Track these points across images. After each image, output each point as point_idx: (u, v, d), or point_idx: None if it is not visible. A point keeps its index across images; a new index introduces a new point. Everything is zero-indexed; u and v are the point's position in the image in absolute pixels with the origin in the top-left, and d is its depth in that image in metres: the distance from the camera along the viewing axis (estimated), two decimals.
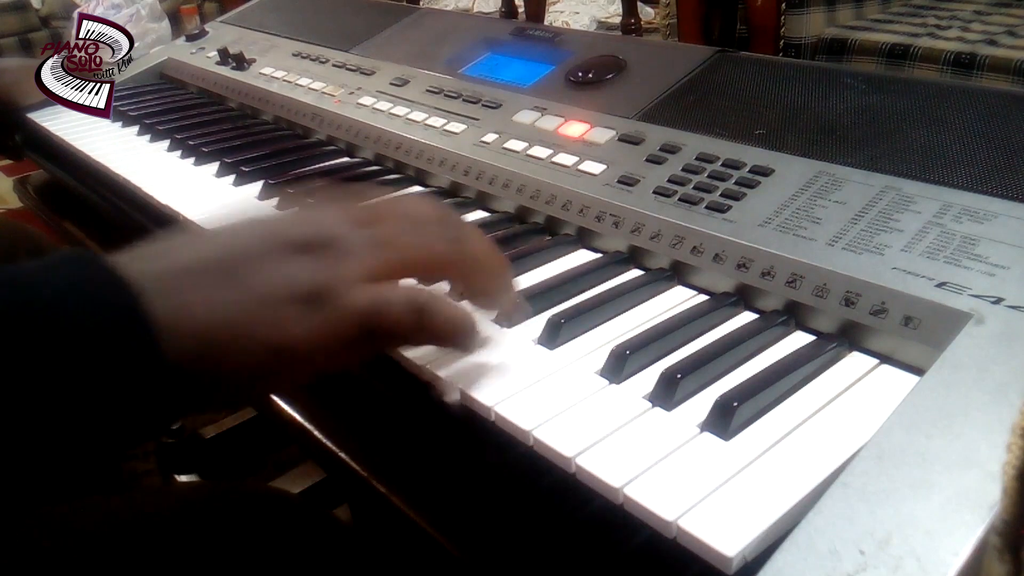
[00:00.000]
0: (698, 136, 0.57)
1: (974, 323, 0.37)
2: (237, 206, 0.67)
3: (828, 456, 0.34)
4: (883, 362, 0.41)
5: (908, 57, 1.30)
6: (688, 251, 0.49)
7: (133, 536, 0.44)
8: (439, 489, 0.40)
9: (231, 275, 0.33)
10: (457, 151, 0.66)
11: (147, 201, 0.69)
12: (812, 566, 0.28)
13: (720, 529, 0.30)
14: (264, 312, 0.32)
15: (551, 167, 0.60)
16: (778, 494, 0.32)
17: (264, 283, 0.33)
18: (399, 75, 0.80)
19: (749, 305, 0.47)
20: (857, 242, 0.44)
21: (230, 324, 0.32)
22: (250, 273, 0.33)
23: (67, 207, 0.85)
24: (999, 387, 0.34)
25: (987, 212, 0.44)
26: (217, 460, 1.12)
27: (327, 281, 0.34)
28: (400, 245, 0.37)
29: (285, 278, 0.33)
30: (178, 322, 0.30)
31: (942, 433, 0.32)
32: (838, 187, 0.48)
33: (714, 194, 0.51)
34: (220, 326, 0.31)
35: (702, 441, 0.36)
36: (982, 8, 1.46)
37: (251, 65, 0.94)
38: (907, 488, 0.30)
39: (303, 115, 0.82)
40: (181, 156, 0.78)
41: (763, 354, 0.42)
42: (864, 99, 0.56)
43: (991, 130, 0.49)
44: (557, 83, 0.70)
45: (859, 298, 0.42)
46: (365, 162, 0.74)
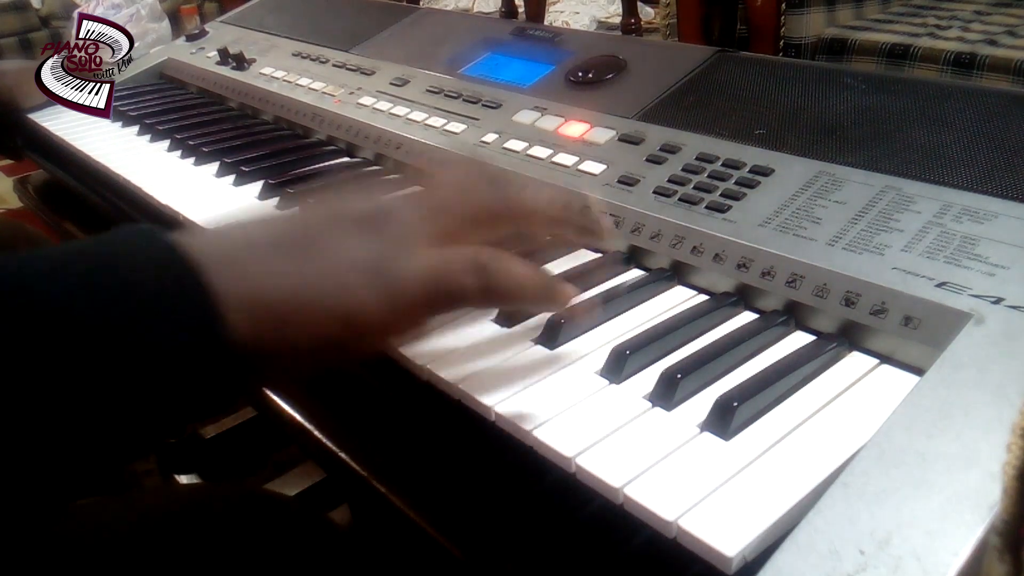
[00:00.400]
0: (698, 136, 0.57)
1: (974, 323, 0.37)
2: (243, 206, 0.67)
3: (828, 456, 0.34)
4: (883, 362, 0.41)
5: (908, 57, 1.30)
6: (688, 251, 0.49)
7: (131, 539, 0.44)
8: (439, 489, 0.40)
9: (295, 249, 0.33)
10: (457, 151, 0.66)
11: (147, 201, 0.69)
12: (812, 566, 0.28)
13: (720, 529, 0.30)
14: (330, 283, 0.33)
15: (551, 167, 0.60)
16: (778, 494, 0.32)
17: (328, 255, 0.33)
18: (399, 75, 0.80)
19: (749, 305, 0.47)
20: (857, 242, 0.44)
21: (297, 296, 0.32)
22: (313, 246, 0.34)
23: (67, 207, 0.85)
24: (999, 387, 0.34)
25: (987, 212, 0.44)
26: (217, 460, 1.12)
27: (389, 249, 0.34)
28: (455, 206, 0.38)
29: (348, 249, 0.34)
30: (243, 295, 0.30)
31: (942, 433, 0.32)
32: (838, 187, 0.48)
33: (714, 194, 0.51)
34: (287, 298, 0.32)
35: (702, 441, 0.36)
36: (982, 8, 1.46)
37: (251, 65, 0.94)
38: (907, 488, 0.30)
39: (303, 115, 0.82)
40: (181, 156, 0.78)
41: (763, 354, 0.42)
42: (864, 99, 0.56)
43: (991, 130, 0.49)
44: (557, 83, 0.70)
45: (859, 298, 0.42)
46: (365, 162, 0.74)
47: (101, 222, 0.79)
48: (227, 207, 0.66)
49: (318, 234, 0.34)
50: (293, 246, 0.34)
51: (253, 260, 0.32)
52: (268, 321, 0.31)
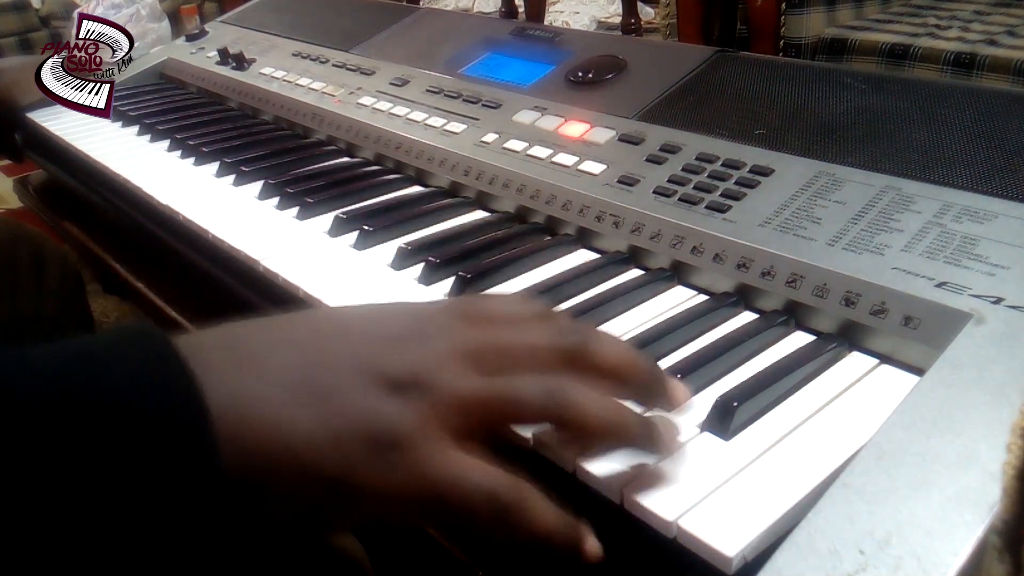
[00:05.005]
0: (698, 136, 0.57)
1: (974, 323, 0.37)
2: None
3: (828, 456, 0.34)
4: (883, 362, 0.41)
5: (908, 57, 1.30)
6: (688, 251, 0.49)
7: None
8: None
9: (309, 394, 0.29)
10: (457, 151, 0.66)
11: (147, 201, 0.69)
12: (812, 566, 0.28)
13: (720, 529, 0.30)
14: (335, 445, 0.29)
15: (551, 167, 0.60)
16: (778, 494, 0.32)
17: (344, 415, 0.29)
18: (399, 75, 0.80)
19: (749, 305, 0.47)
20: (857, 242, 0.44)
21: (293, 447, 0.28)
22: (331, 399, 0.29)
23: (67, 207, 0.85)
24: (999, 387, 0.34)
25: (987, 212, 0.44)
26: None
27: (410, 433, 0.29)
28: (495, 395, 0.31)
29: (367, 414, 0.29)
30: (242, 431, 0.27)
31: (942, 433, 0.32)
32: (838, 187, 0.48)
33: (714, 194, 0.51)
34: (283, 446, 0.28)
35: (702, 441, 0.36)
36: (982, 8, 1.46)
37: (251, 65, 0.94)
38: (907, 488, 0.30)
39: (303, 115, 0.82)
40: (181, 156, 0.78)
41: (763, 354, 0.42)
42: (864, 99, 0.56)
43: (991, 130, 0.49)
44: (557, 83, 0.70)
45: (859, 298, 0.42)
46: (365, 162, 0.74)
47: (101, 222, 0.79)
48: (227, 206, 0.66)
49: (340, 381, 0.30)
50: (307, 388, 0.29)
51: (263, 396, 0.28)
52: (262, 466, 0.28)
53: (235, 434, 0.27)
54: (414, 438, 0.29)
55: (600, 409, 0.32)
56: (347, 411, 0.29)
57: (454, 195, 0.65)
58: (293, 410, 0.28)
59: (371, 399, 0.29)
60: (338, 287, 0.53)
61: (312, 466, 0.28)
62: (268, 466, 0.28)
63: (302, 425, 0.28)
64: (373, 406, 0.29)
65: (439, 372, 0.31)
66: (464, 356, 0.31)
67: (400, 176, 0.70)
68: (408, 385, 0.30)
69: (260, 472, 0.28)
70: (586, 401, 0.31)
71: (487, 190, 0.62)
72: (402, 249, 0.55)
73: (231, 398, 0.28)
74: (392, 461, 0.29)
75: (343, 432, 0.29)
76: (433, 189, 0.67)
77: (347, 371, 0.30)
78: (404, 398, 0.30)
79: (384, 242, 0.58)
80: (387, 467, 0.29)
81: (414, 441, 0.29)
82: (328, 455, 0.28)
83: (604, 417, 0.32)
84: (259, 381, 0.29)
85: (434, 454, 0.29)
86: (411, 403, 0.30)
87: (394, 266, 0.55)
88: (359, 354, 0.31)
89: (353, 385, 0.30)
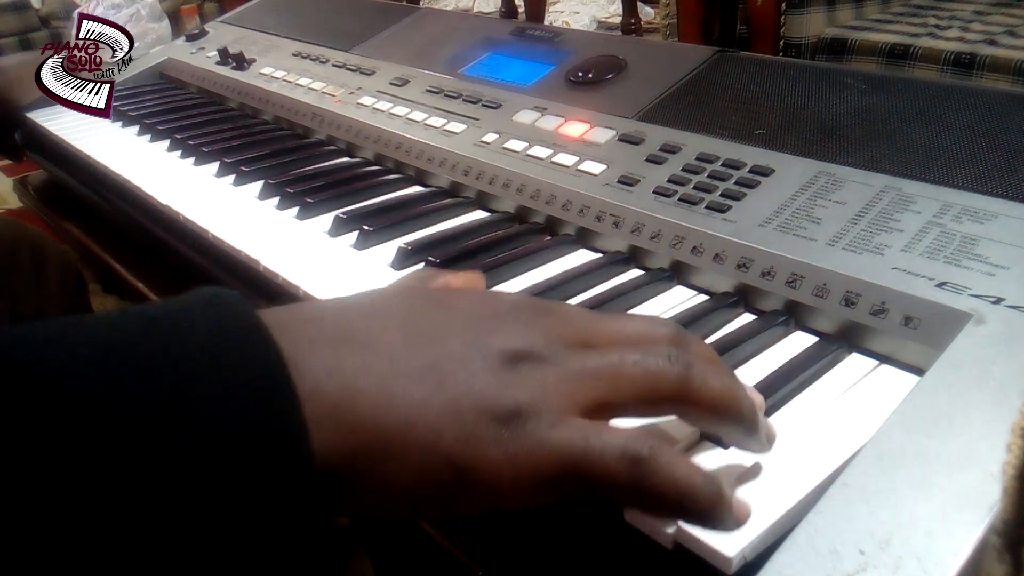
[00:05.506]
0: (698, 136, 0.57)
1: (974, 323, 0.37)
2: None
3: (828, 456, 0.34)
4: (883, 362, 0.41)
5: (908, 57, 1.30)
6: (688, 251, 0.49)
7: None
8: None
9: (424, 370, 0.27)
10: (457, 151, 0.66)
11: (147, 201, 0.69)
12: (812, 566, 0.28)
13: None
14: (456, 420, 0.27)
15: (551, 167, 0.60)
16: (778, 494, 0.32)
17: (466, 387, 0.27)
18: (399, 75, 0.80)
19: (749, 305, 0.47)
20: (857, 242, 0.44)
21: (410, 423, 0.26)
22: (448, 373, 0.27)
23: (67, 207, 0.85)
24: (999, 387, 0.34)
25: (987, 212, 0.44)
26: None
27: (533, 403, 0.28)
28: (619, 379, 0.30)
29: (488, 386, 0.28)
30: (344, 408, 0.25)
31: (942, 433, 0.32)
32: (838, 187, 0.48)
33: (714, 194, 0.51)
34: (397, 422, 0.26)
35: (702, 445, 0.36)
36: (982, 8, 1.46)
37: (251, 65, 0.94)
38: (907, 488, 0.30)
39: (303, 115, 0.82)
40: (181, 156, 0.78)
41: (763, 354, 0.42)
42: (864, 99, 0.56)
43: (991, 130, 0.49)
44: (557, 83, 0.70)
45: (859, 298, 0.42)
46: (365, 162, 0.74)
47: (101, 222, 0.79)
48: (227, 206, 0.66)
49: (458, 354, 0.28)
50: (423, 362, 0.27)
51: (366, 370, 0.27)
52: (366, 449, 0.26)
53: (336, 411, 0.25)
54: (539, 408, 0.28)
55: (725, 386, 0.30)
56: (466, 383, 0.27)
57: (454, 195, 0.65)
58: (407, 383, 0.27)
59: (492, 373, 0.28)
60: (338, 287, 0.53)
61: (431, 443, 0.26)
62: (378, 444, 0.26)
63: (418, 399, 0.26)
64: (495, 380, 0.28)
65: (563, 349, 0.29)
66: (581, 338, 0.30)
67: (400, 176, 0.70)
68: (530, 360, 0.29)
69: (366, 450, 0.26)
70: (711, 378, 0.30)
71: (487, 190, 0.62)
72: (402, 249, 0.55)
73: (330, 372, 0.26)
74: (520, 433, 0.27)
75: (464, 405, 0.27)
76: (433, 189, 0.67)
77: (464, 345, 0.28)
78: (526, 373, 0.28)
79: (384, 242, 0.58)
80: (512, 442, 0.27)
81: (539, 411, 0.28)
82: (449, 431, 0.26)
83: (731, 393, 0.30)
84: (364, 355, 0.27)
85: (559, 423, 0.28)
86: (531, 375, 0.28)
87: (394, 266, 0.55)
88: (475, 328, 0.29)
89: (472, 358, 0.28)
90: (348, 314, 0.29)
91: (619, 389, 0.29)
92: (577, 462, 0.27)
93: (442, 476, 0.27)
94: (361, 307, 0.30)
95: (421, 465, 0.26)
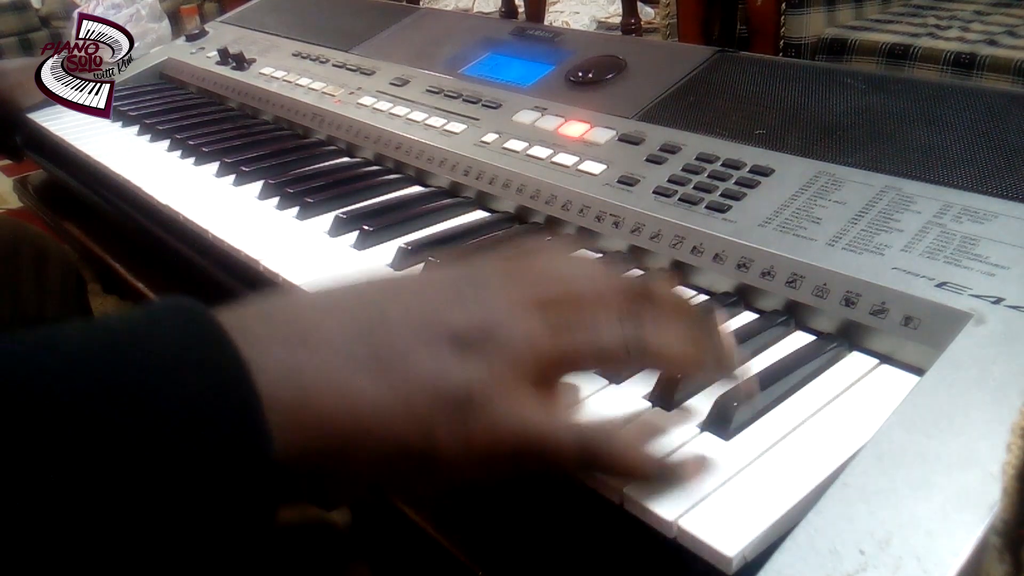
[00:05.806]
0: (698, 136, 0.57)
1: (974, 323, 0.37)
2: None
3: (828, 456, 0.34)
4: (883, 362, 0.41)
5: (908, 57, 1.30)
6: (688, 251, 0.49)
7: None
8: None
9: (374, 360, 0.27)
10: (457, 151, 0.66)
11: (147, 201, 0.69)
12: (812, 566, 0.28)
13: (720, 529, 0.30)
14: (408, 410, 0.27)
15: (551, 167, 0.60)
16: (778, 494, 0.32)
17: (414, 376, 0.28)
18: (399, 75, 0.80)
19: (749, 305, 0.47)
20: (857, 242, 0.44)
21: (363, 417, 0.27)
22: (397, 361, 0.28)
23: (67, 207, 0.85)
24: (999, 387, 0.34)
25: (987, 212, 0.44)
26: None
27: (485, 386, 0.28)
28: (572, 342, 0.30)
29: (437, 374, 0.28)
30: (300, 408, 0.26)
31: (942, 433, 0.32)
32: (838, 187, 0.48)
33: (714, 194, 0.51)
34: (352, 418, 0.27)
35: (702, 441, 0.36)
36: (982, 8, 1.46)
37: (251, 65, 0.94)
38: (907, 488, 0.30)
39: (303, 115, 0.82)
40: (181, 156, 0.78)
41: (763, 354, 0.42)
42: (864, 99, 0.56)
43: (991, 130, 0.49)
44: (557, 83, 0.70)
45: (859, 298, 0.42)
46: (365, 162, 0.74)
47: (101, 222, 0.79)
48: (227, 206, 0.66)
49: (403, 344, 0.28)
50: (370, 354, 0.28)
51: (319, 364, 0.27)
52: (325, 439, 0.26)
53: (293, 412, 0.25)
54: (489, 392, 0.28)
55: (680, 344, 0.31)
56: (416, 373, 0.28)
57: (454, 195, 0.65)
58: (357, 378, 0.27)
59: (439, 358, 0.28)
60: None
61: (386, 434, 0.27)
62: (335, 441, 0.26)
63: (369, 393, 0.27)
64: (442, 365, 0.28)
65: (508, 322, 0.30)
66: (529, 305, 0.30)
67: (400, 176, 0.70)
68: (476, 339, 0.29)
69: (325, 448, 0.26)
70: (665, 339, 0.31)
71: (487, 190, 0.62)
72: (402, 249, 0.55)
73: (285, 373, 0.26)
74: (470, 417, 0.28)
75: (415, 395, 0.27)
76: (433, 189, 0.67)
77: (408, 333, 0.28)
78: (473, 353, 0.28)
79: (384, 242, 0.58)
80: (466, 424, 0.28)
81: (489, 395, 0.28)
82: (402, 421, 0.27)
83: (686, 351, 0.32)
84: (316, 352, 0.27)
85: (512, 404, 0.28)
86: (482, 357, 0.29)
87: (394, 266, 0.55)
88: (419, 314, 0.29)
89: (417, 346, 0.28)
90: (303, 311, 0.29)
91: (572, 360, 0.31)
92: (531, 442, 0.29)
93: (400, 463, 0.28)
94: (317, 303, 0.30)
95: (379, 455, 0.27)
